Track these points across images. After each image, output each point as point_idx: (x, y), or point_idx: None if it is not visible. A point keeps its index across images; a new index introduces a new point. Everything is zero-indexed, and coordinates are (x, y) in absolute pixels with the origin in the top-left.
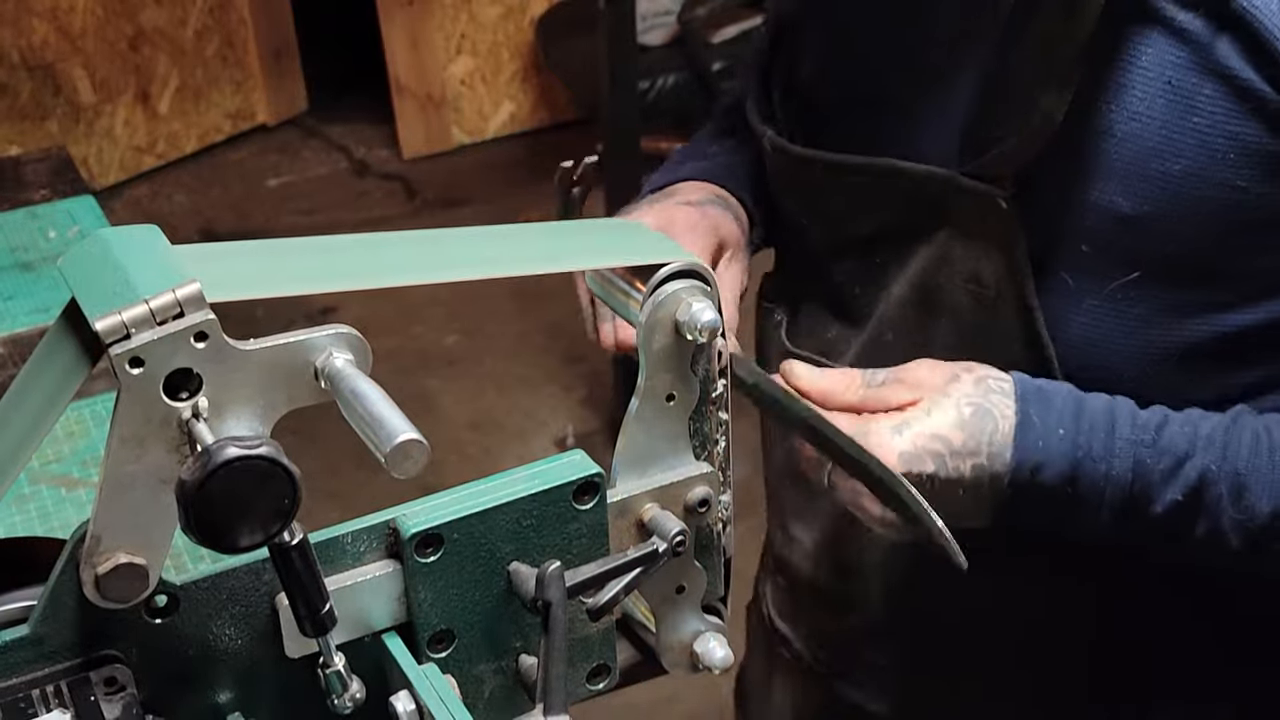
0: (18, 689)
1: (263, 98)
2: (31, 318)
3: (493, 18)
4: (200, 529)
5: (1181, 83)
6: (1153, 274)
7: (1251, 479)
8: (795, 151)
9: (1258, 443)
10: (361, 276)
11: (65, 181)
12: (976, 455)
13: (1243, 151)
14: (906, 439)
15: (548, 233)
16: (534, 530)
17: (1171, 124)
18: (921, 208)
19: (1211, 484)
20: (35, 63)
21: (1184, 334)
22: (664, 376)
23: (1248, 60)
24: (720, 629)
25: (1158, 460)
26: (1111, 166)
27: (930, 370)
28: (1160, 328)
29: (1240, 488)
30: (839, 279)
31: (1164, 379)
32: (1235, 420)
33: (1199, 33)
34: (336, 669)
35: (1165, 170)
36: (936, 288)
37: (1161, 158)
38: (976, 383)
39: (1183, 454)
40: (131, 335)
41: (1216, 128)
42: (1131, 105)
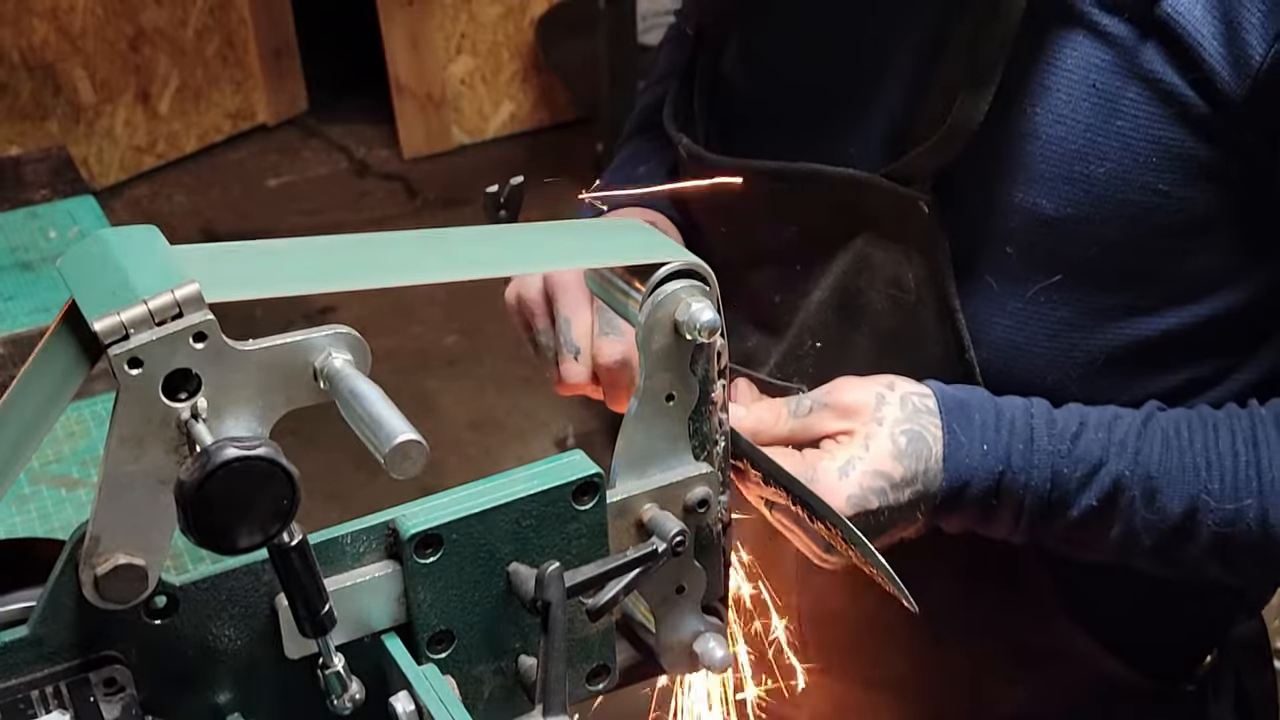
0: (17, 690)
1: (263, 98)
2: (31, 318)
3: (493, 18)
4: (199, 530)
5: (1106, 86)
6: (1075, 277)
7: (1162, 481)
8: (711, 159)
9: (1168, 445)
10: (361, 276)
11: (65, 181)
12: (914, 484)
13: (1165, 155)
14: (853, 481)
15: (547, 233)
16: (533, 530)
17: (1095, 127)
18: (841, 212)
19: (1125, 489)
20: (35, 63)
21: (1106, 337)
22: (663, 376)
23: (1171, 65)
24: (720, 629)
25: (1074, 468)
26: (1035, 168)
27: (855, 391)
28: (1083, 331)
29: (1152, 490)
30: (758, 287)
31: (1086, 383)
32: (1147, 422)
33: (1124, 37)
34: (336, 670)
35: (1088, 173)
36: (857, 293)
37: (1085, 160)
38: (903, 403)
39: (1097, 461)
40: (130, 336)
41: (1140, 131)
42: (1056, 108)
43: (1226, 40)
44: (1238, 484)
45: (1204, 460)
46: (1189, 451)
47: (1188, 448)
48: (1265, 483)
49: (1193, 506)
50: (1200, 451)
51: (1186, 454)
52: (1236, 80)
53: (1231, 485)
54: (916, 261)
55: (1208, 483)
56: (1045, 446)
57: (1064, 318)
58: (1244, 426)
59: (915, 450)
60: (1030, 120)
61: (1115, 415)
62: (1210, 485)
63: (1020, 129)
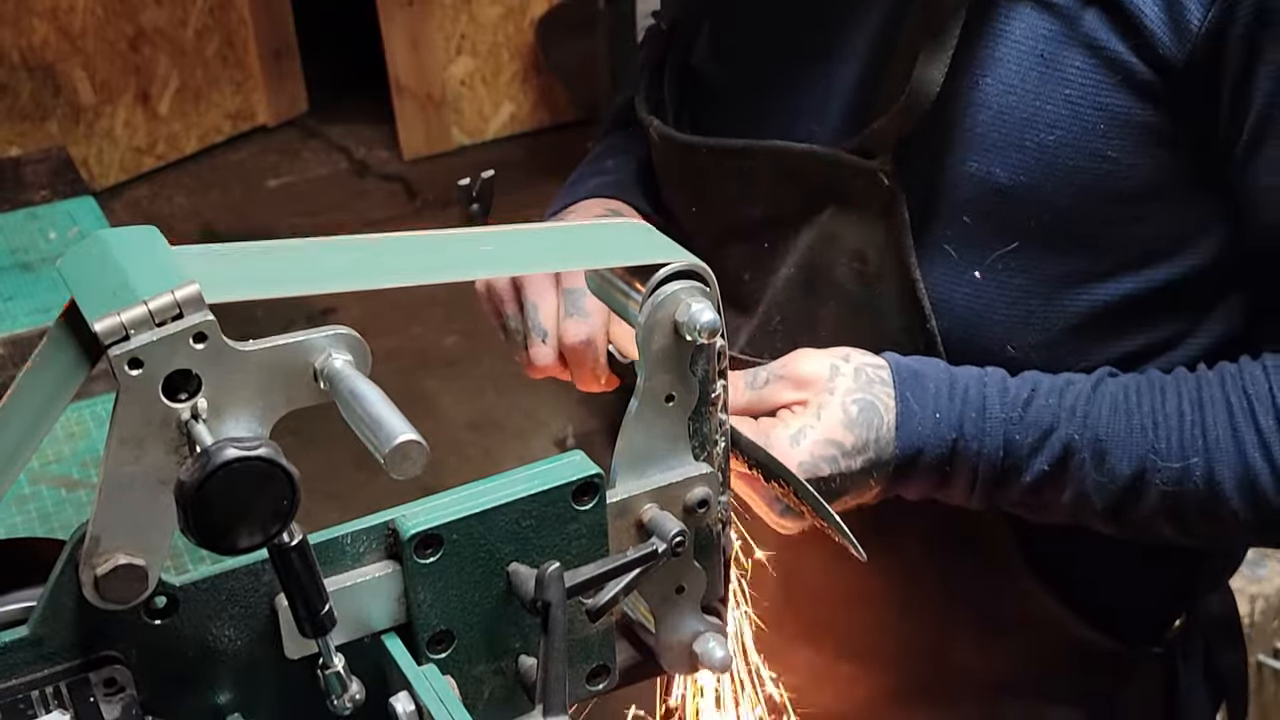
0: (17, 690)
1: (263, 98)
2: (31, 318)
3: (493, 18)
4: (199, 530)
5: (1053, 55)
6: (1031, 244)
7: (1111, 443)
8: (681, 139)
9: (1116, 408)
10: (361, 277)
11: (65, 182)
12: (866, 451)
13: (1112, 122)
14: (804, 449)
15: (547, 233)
16: (533, 531)
17: (1044, 95)
18: (806, 188)
19: (1075, 452)
20: (35, 63)
21: (1063, 304)
22: (663, 377)
23: (1114, 32)
24: (720, 629)
25: (1026, 434)
26: (988, 138)
27: (809, 362)
28: (1040, 298)
29: (1102, 453)
30: (729, 266)
31: (1045, 350)
32: (1097, 387)
33: (1067, 6)
34: (336, 670)
35: (1039, 141)
36: (823, 268)
37: (1035, 129)
38: (856, 374)
39: (1048, 426)
40: (130, 336)
41: (1087, 99)
42: (1005, 78)
43: (1165, 6)
44: (1184, 443)
45: (1151, 422)
46: (1137, 414)
47: (1135, 410)
48: (1210, 441)
49: (1141, 467)
50: (1148, 413)
51: (1134, 416)
52: (1177, 45)
53: (1178, 445)
54: (879, 234)
55: (1155, 443)
56: (998, 414)
57: (1021, 285)
58: (1190, 389)
59: (867, 419)
60: (981, 91)
61: (1067, 381)
62: (1157, 445)
63: (972, 100)
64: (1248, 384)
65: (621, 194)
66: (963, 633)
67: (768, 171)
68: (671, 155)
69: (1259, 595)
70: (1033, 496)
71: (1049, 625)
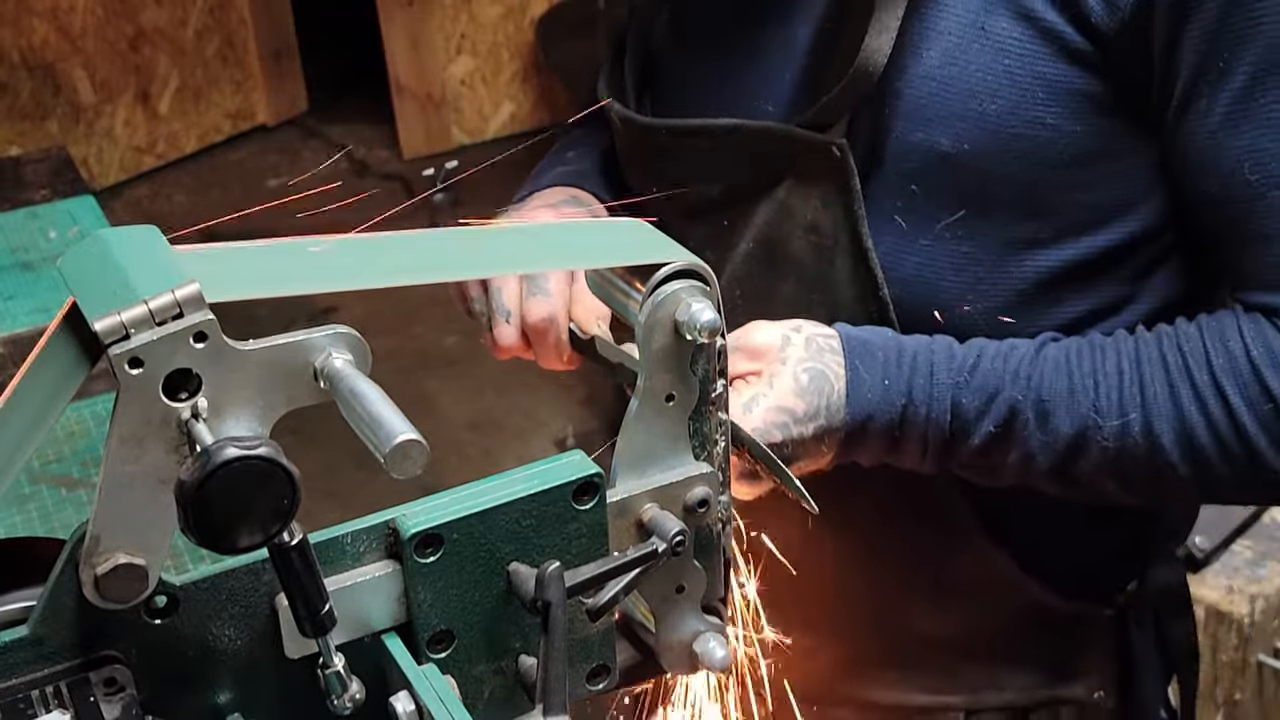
0: (17, 689)
1: (263, 98)
2: (31, 318)
3: (493, 18)
4: (199, 529)
5: (992, 27)
6: (976, 211)
7: (1054, 403)
8: (641, 121)
9: (1058, 369)
10: (361, 276)
11: (65, 181)
12: (817, 418)
13: (1050, 90)
14: (757, 416)
15: (548, 233)
16: (534, 530)
17: (984, 66)
18: (762, 164)
19: (1020, 413)
20: (35, 63)
21: (1009, 270)
22: (663, 376)
23: (1049, 2)
24: (720, 629)
25: (972, 399)
26: (932, 109)
27: (762, 333)
28: (987, 265)
29: (1044, 413)
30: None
31: (993, 314)
32: (1040, 350)
33: None
34: (336, 669)
35: (981, 110)
36: (780, 242)
37: (978, 98)
38: (807, 344)
39: (994, 389)
40: (131, 336)
41: (1025, 68)
42: (948, 49)
43: None
44: (1123, 401)
45: (1091, 381)
46: (1078, 374)
47: (1076, 370)
48: (1148, 397)
49: (1083, 425)
50: (1088, 373)
51: (1075, 376)
52: (1108, 15)
53: (1117, 402)
54: (832, 205)
55: (1096, 401)
56: (945, 379)
57: (969, 252)
58: (1129, 349)
59: (817, 387)
60: (924, 63)
61: (1011, 346)
62: (1098, 403)
63: (916, 72)
64: (1183, 342)
65: (582, 182)
66: (920, 597)
67: (725, 149)
68: (632, 137)
69: (1259, 595)
70: (981, 459)
71: (1003, 587)
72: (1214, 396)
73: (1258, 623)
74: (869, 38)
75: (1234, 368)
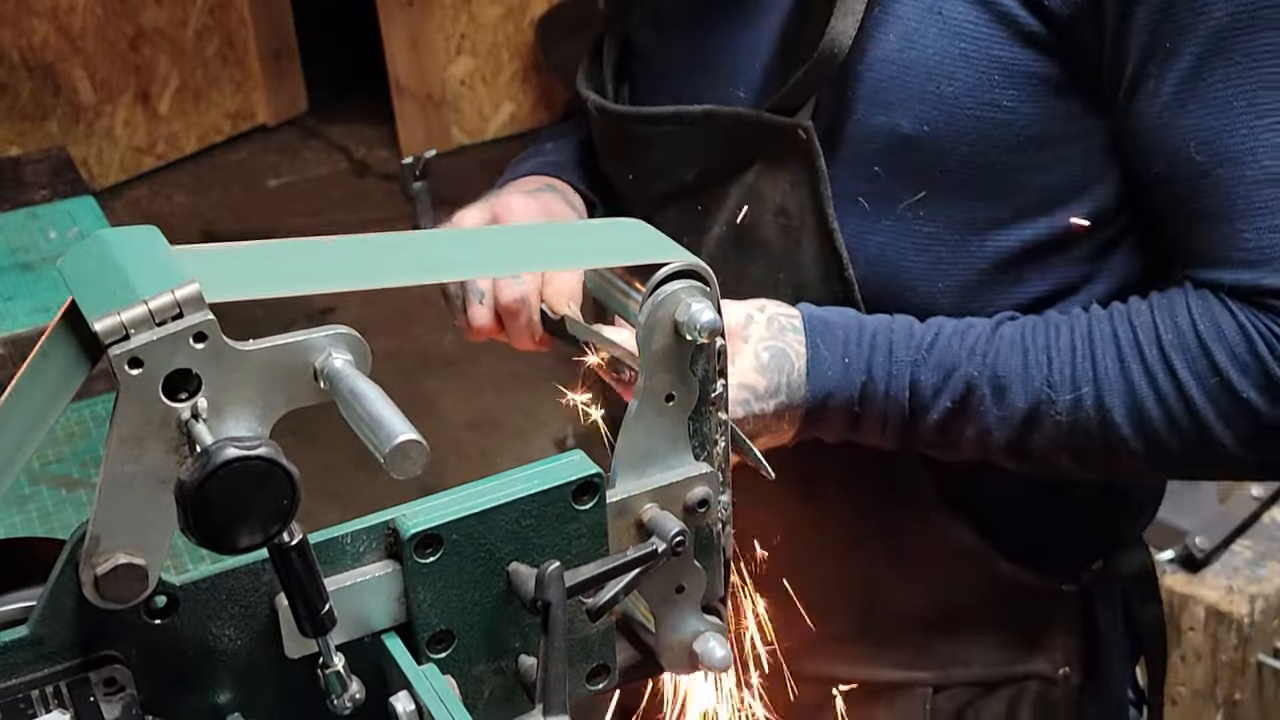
0: (17, 689)
1: (263, 98)
2: (31, 318)
3: (493, 18)
4: (199, 529)
5: (949, 11)
6: (937, 193)
7: (1009, 379)
8: (616, 109)
9: (1014, 346)
10: (361, 276)
11: (65, 182)
12: (778, 395)
13: (1005, 73)
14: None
15: (547, 233)
16: (533, 530)
17: (942, 50)
18: (733, 149)
19: (976, 389)
20: (35, 63)
21: (970, 249)
22: (663, 377)
23: None
24: (720, 629)
25: (930, 376)
26: (892, 91)
27: (725, 312)
28: (948, 245)
29: (1000, 389)
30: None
31: (955, 294)
32: (996, 328)
33: None
34: (336, 669)
35: (939, 92)
36: (750, 225)
37: (935, 81)
38: (769, 323)
39: (951, 367)
40: (131, 336)
41: (980, 51)
42: (906, 34)
43: None
44: (1075, 375)
45: (1045, 357)
46: (1032, 350)
47: (1031, 347)
48: (1100, 372)
49: (1037, 400)
50: (1042, 349)
51: (1030, 353)
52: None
53: (1070, 377)
54: (799, 187)
55: (1049, 376)
56: (904, 357)
57: (930, 233)
58: (1082, 325)
59: (778, 365)
60: (884, 47)
61: (969, 325)
62: (1051, 378)
63: (877, 56)
64: (1134, 318)
65: (559, 172)
66: (886, 571)
67: (697, 135)
68: (608, 126)
69: (1259, 595)
70: (940, 435)
71: (967, 561)
72: (1163, 371)
73: (1258, 623)
74: (834, 20)
75: (1182, 343)
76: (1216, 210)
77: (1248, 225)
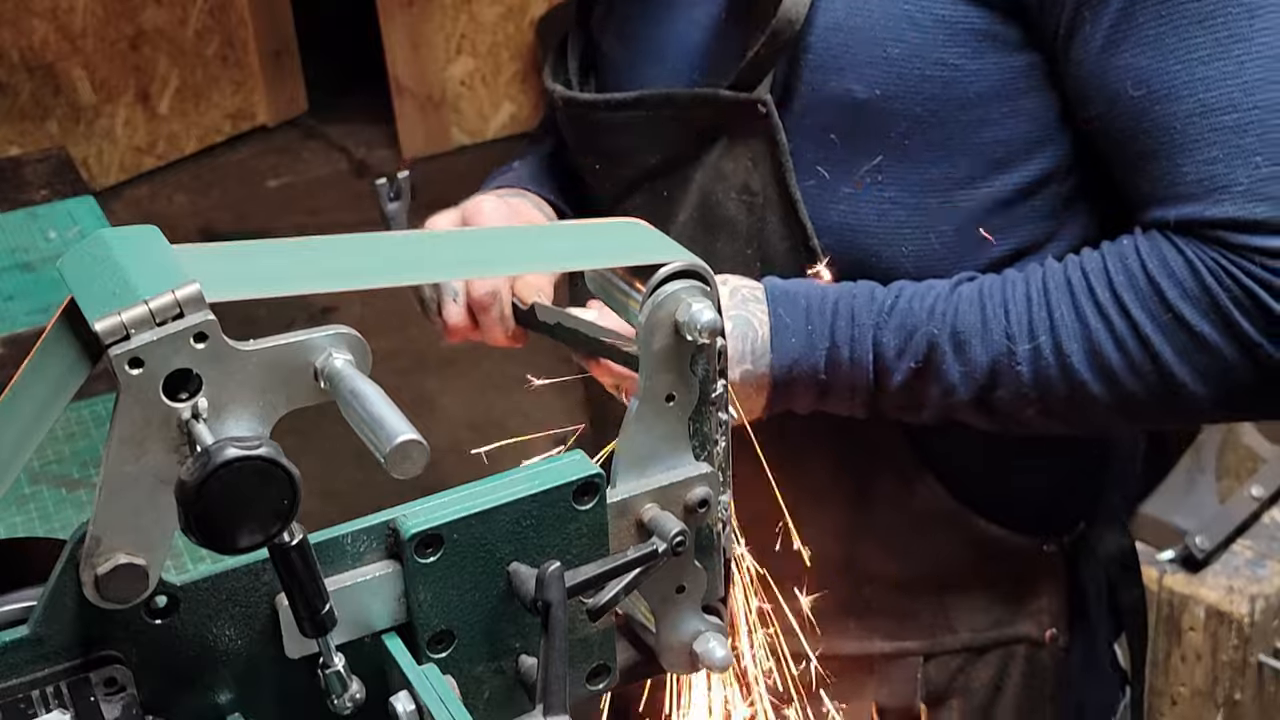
0: (18, 689)
1: (263, 98)
2: (31, 318)
3: (493, 18)
4: (200, 529)
5: None
6: (893, 156)
7: (969, 334)
8: (581, 99)
9: (972, 303)
10: (361, 276)
11: (65, 182)
12: (743, 363)
13: (950, 31)
14: None
15: (547, 233)
16: (534, 531)
17: (888, 13)
18: (695, 130)
19: (937, 346)
20: (35, 63)
21: (930, 211)
22: (664, 377)
23: None
24: (720, 629)
25: (892, 337)
26: (843, 58)
27: None
28: (908, 208)
29: (960, 344)
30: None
31: (919, 258)
32: (955, 287)
33: None
34: (336, 669)
35: (887, 55)
36: (715, 205)
37: (883, 44)
38: (732, 294)
39: (913, 327)
40: (131, 336)
41: (924, 11)
42: (852, 0)
43: None
44: (1033, 324)
45: (1003, 310)
46: (990, 305)
47: (989, 302)
48: (1056, 319)
49: (997, 353)
50: (999, 303)
51: (988, 307)
52: None
53: (1028, 326)
54: (762, 163)
55: (1008, 328)
56: (866, 320)
57: (890, 196)
58: (1037, 277)
59: (741, 332)
60: (832, 15)
61: (929, 286)
62: (1010, 330)
63: (825, 24)
64: (1085, 263)
65: (524, 184)
66: (868, 539)
67: (660, 119)
68: (575, 118)
69: (1259, 595)
70: (906, 396)
71: (948, 524)
72: (1117, 311)
73: (1258, 623)
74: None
75: (1132, 283)
76: (1156, 148)
77: (1186, 159)
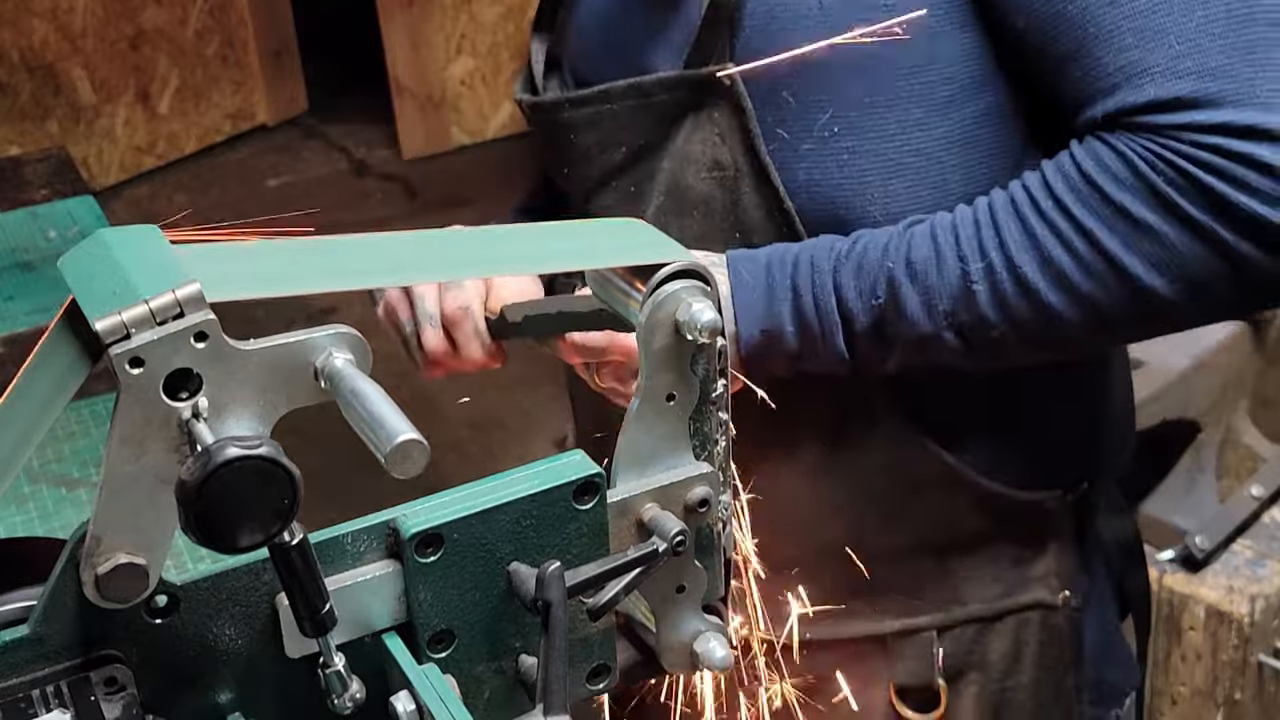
0: (18, 689)
1: (263, 98)
2: (31, 318)
3: (493, 18)
4: (200, 529)
5: None
6: (845, 105)
7: (922, 264)
8: (546, 101)
9: (924, 237)
10: (361, 276)
11: (65, 181)
12: None
13: None
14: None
15: (547, 233)
16: (534, 530)
17: None
18: (660, 115)
19: (894, 279)
20: (35, 63)
21: (889, 158)
22: (664, 376)
23: None
24: (720, 629)
25: (852, 279)
26: (782, 18)
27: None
28: (867, 156)
29: (915, 273)
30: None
31: (888, 208)
32: (908, 226)
33: None
34: (336, 669)
35: (822, 5)
36: (686, 189)
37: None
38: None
39: (872, 266)
40: (131, 335)
41: None
42: None
43: None
44: (983, 243)
45: (953, 236)
46: (940, 234)
47: (940, 232)
48: (1004, 235)
49: (953, 277)
50: (950, 230)
51: (939, 236)
52: None
53: (978, 246)
54: (730, 135)
55: (959, 251)
56: (825, 267)
57: (849, 146)
58: (983, 203)
59: None
60: None
61: (884, 230)
62: (962, 252)
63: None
64: (1026, 180)
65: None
66: (871, 513)
67: (624, 111)
68: (542, 122)
69: (1259, 595)
70: (877, 337)
71: (948, 486)
72: (1060, 215)
73: (1258, 623)
74: None
75: (1071, 185)
76: (1075, 46)
77: (1104, 50)
